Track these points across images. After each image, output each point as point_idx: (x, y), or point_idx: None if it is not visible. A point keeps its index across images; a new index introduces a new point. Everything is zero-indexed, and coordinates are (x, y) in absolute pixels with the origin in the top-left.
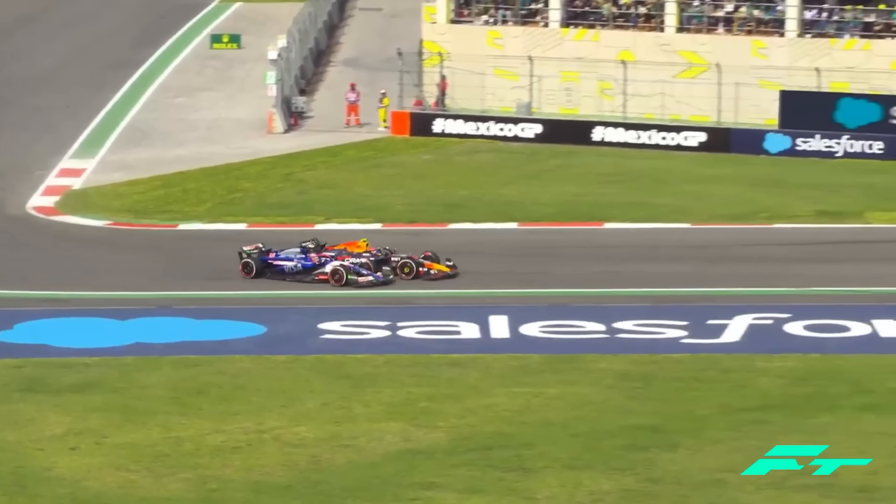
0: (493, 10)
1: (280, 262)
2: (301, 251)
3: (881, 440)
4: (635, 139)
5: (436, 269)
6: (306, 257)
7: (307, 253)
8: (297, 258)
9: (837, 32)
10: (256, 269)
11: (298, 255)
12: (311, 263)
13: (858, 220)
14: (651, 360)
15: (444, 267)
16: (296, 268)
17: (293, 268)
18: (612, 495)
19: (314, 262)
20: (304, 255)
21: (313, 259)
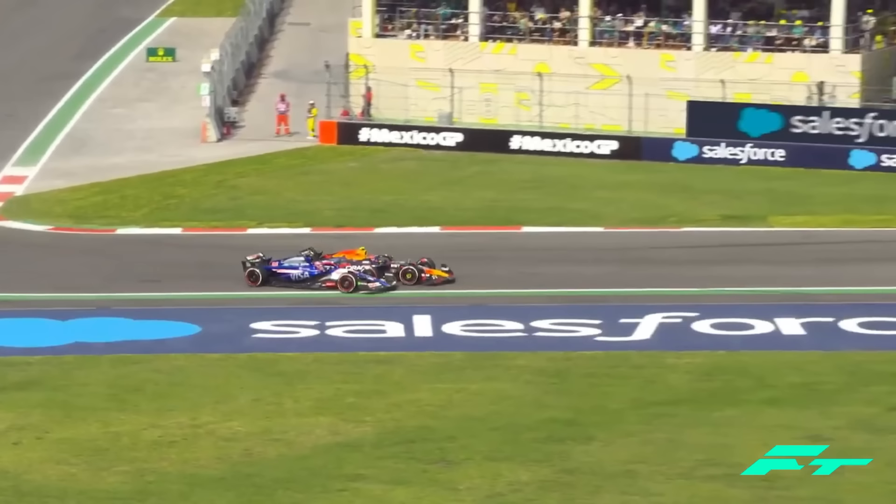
0: (415, 24)
1: (285, 270)
2: (305, 259)
3: (783, 432)
4: (551, 147)
5: (436, 274)
6: (311, 265)
7: (311, 261)
8: (301, 266)
9: (741, 46)
10: (262, 278)
11: (303, 264)
12: (317, 271)
13: (762, 224)
14: (566, 357)
15: (443, 273)
16: (302, 275)
17: (299, 276)
18: (530, 486)
19: (320, 269)
20: (309, 263)
21: (318, 267)
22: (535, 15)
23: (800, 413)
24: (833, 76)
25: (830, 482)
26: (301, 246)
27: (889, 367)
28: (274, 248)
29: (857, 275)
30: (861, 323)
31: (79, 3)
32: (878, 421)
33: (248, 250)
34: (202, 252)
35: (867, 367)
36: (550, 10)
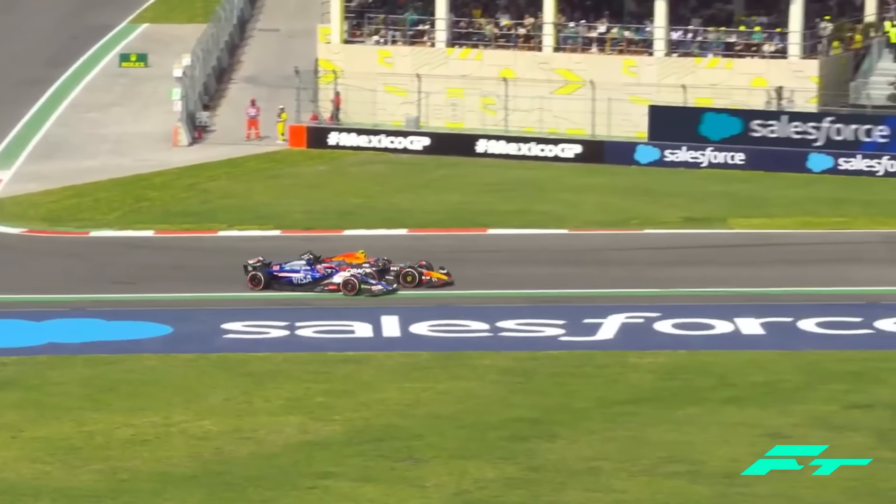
0: (383, 30)
1: (288, 273)
2: (307, 263)
3: (743, 430)
4: (516, 151)
5: (435, 276)
6: (313, 269)
7: (312, 265)
8: (303, 270)
9: (701, 52)
10: (265, 281)
11: (304, 268)
12: (319, 275)
13: (722, 226)
14: (532, 357)
15: (442, 275)
16: (304, 279)
17: (302, 279)
18: (495, 483)
19: (321, 273)
20: (311, 267)
21: (320, 270)
22: (500, 21)
23: (760, 411)
24: (791, 81)
25: (790, 479)
26: (278, 248)
27: (846, 365)
28: (251, 250)
29: (815, 276)
30: (819, 323)
31: (52, 10)
32: (835, 418)
33: (220, 252)
34: (174, 254)
35: (825, 365)
36: (515, 17)
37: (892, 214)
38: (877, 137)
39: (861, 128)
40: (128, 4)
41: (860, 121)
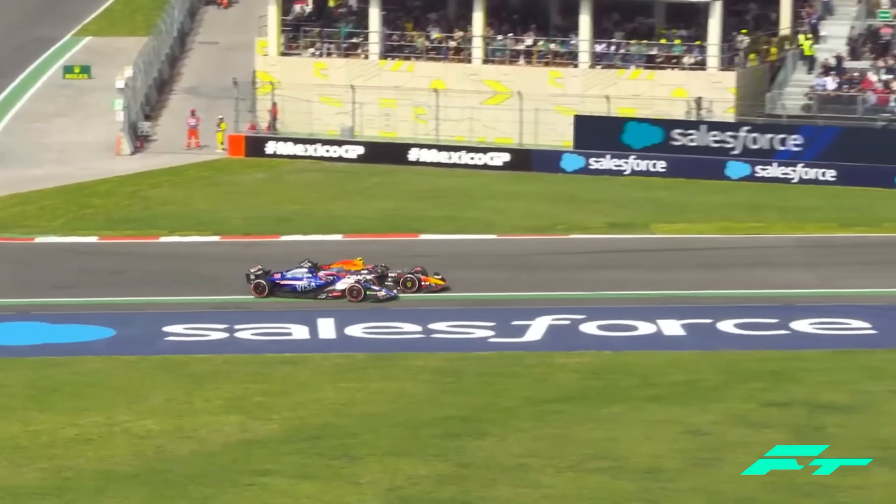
0: (318, 43)
1: (291, 281)
2: (308, 270)
3: (665, 427)
4: (447, 159)
5: (433, 282)
6: (315, 276)
7: (314, 272)
8: (306, 277)
9: (624, 64)
10: (269, 289)
11: (307, 275)
12: (322, 282)
13: (644, 231)
14: (462, 358)
15: (439, 280)
16: (308, 286)
17: (305, 286)
18: (428, 479)
19: (324, 280)
20: (313, 274)
21: (322, 277)
22: (431, 34)
23: (681, 409)
24: (710, 92)
25: (709, 475)
26: (219, 254)
27: (763, 364)
28: (192, 255)
29: (733, 279)
30: (737, 324)
31: None
32: (753, 416)
33: (162, 258)
34: (117, 259)
35: (743, 365)
36: (446, 30)
37: (806, 220)
38: (791, 146)
39: (776, 137)
40: (72, 18)
41: (776, 130)
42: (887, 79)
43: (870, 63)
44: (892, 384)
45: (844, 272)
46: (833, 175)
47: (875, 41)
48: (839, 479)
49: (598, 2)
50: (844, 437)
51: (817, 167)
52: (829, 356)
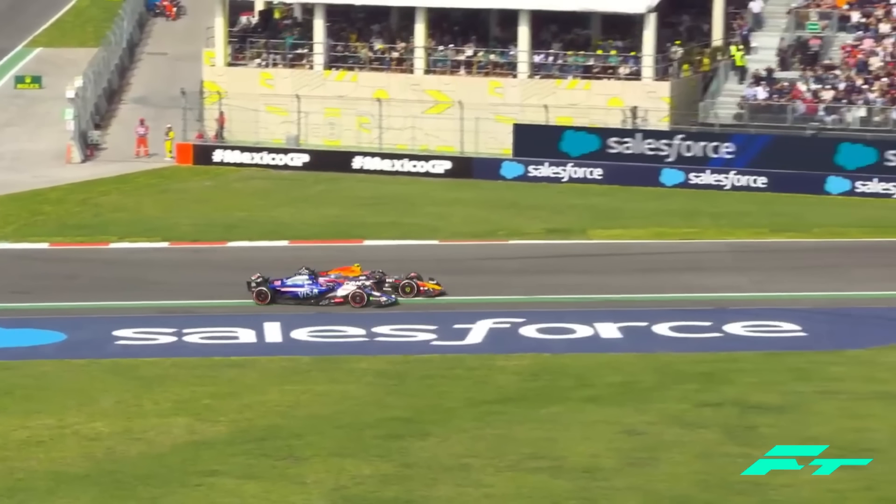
0: (265, 54)
1: (292, 288)
2: (309, 277)
3: (602, 427)
4: (390, 167)
5: (430, 287)
6: (316, 283)
7: (315, 279)
8: (307, 284)
9: (562, 74)
10: (270, 296)
11: (307, 282)
12: (323, 288)
13: (582, 237)
14: (405, 360)
15: (435, 285)
16: (310, 293)
17: (308, 293)
18: (371, 479)
19: (325, 286)
20: (313, 281)
21: (323, 284)
22: (374, 45)
23: (617, 409)
24: (645, 101)
25: (644, 474)
26: (170, 260)
27: (697, 366)
28: (142, 262)
29: (668, 283)
30: (672, 327)
31: None
32: (687, 416)
33: (112, 263)
34: (68, 265)
35: (677, 367)
36: (388, 41)
37: (738, 225)
38: (724, 154)
39: (709, 145)
40: (23, 29)
41: (709, 138)
42: (816, 88)
43: (799, 73)
44: (821, 385)
45: (775, 276)
46: (764, 182)
47: (804, 52)
48: (770, 478)
49: (536, 14)
50: (775, 436)
51: (749, 174)
52: (761, 358)
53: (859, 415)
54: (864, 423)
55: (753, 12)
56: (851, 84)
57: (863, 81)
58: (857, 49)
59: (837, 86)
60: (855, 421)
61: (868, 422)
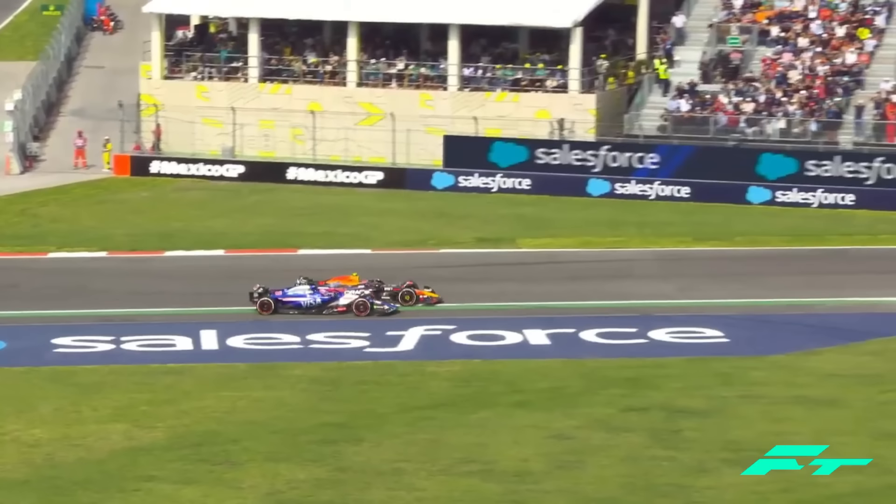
0: (200, 67)
1: (295, 298)
2: (310, 287)
3: (531, 432)
4: (324, 178)
5: (427, 295)
6: (318, 292)
7: (315, 288)
8: (309, 294)
9: (491, 87)
10: (274, 306)
11: (309, 292)
12: (326, 298)
13: (511, 246)
14: (339, 367)
15: (433, 293)
16: (314, 302)
17: (310, 303)
18: (306, 483)
19: (326, 296)
20: (315, 291)
21: (324, 293)
22: (308, 59)
23: (546, 414)
24: (572, 113)
25: (572, 477)
26: (107, 269)
27: (623, 372)
28: (80, 270)
29: (595, 290)
30: (599, 333)
31: None
32: (614, 421)
33: (50, 273)
34: (7, 274)
35: (604, 372)
36: (322, 55)
37: (663, 234)
38: (648, 164)
39: (635, 155)
40: None
41: (634, 149)
42: (737, 101)
43: (721, 86)
44: (743, 389)
45: (699, 284)
46: (688, 192)
47: (725, 65)
48: (694, 480)
49: (465, 28)
50: (699, 440)
51: (673, 184)
52: (685, 363)
53: (781, 418)
54: (785, 426)
55: (676, 27)
56: (771, 96)
57: (782, 94)
58: (776, 63)
59: (758, 98)
60: (776, 425)
61: (789, 425)
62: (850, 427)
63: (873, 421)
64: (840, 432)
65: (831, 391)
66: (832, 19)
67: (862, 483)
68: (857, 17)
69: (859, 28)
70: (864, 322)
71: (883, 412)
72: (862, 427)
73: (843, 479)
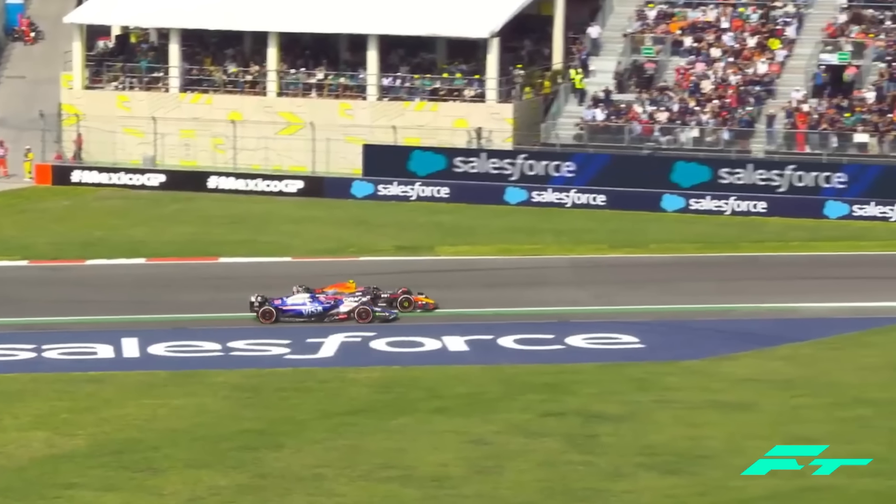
0: (121, 77)
1: (295, 307)
2: (310, 296)
3: (450, 437)
4: (244, 187)
5: (425, 301)
6: (318, 300)
7: (315, 297)
8: (309, 302)
9: (409, 96)
10: (276, 315)
11: (309, 300)
12: (327, 305)
13: (430, 253)
14: (259, 374)
15: (430, 300)
16: (315, 311)
17: (312, 311)
18: (227, 489)
19: (326, 304)
20: (314, 299)
21: (324, 301)
22: (228, 69)
23: (465, 420)
24: (489, 123)
25: (491, 481)
26: (28, 277)
27: (540, 377)
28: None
29: (512, 297)
30: (517, 340)
31: None
32: (531, 426)
33: None
34: None
35: (522, 378)
36: (242, 65)
37: (579, 242)
38: (565, 172)
39: (551, 164)
40: None
41: (550, 158)
42: (651, 110)
43: (635, 96)
44: (658, 395)
45: (614, 290)
46: (603, 200)
47: (640, 75)
48: (610, 484)
49: (384, 38)
50: (615, 444)
51: (589, 192)
52: (601, 369)
53: (695, 423)
54: (699, 431)
55: (591, 37)
56: (685, 106)
57: (695, 103)
58: (689, 72)
59: (672, 107)
60: (691, 429)
61: (703, 430)
62: (763, 431)
63: (785, 425)
64: (753, 436)
65: (744, 396)
66: (744, 30)
67: (778, 487)
68: (767, 28)
69: (770, 38)
70: (776, 328)
71: (794, 417)
72: (775, 431)
73: (756, 483)
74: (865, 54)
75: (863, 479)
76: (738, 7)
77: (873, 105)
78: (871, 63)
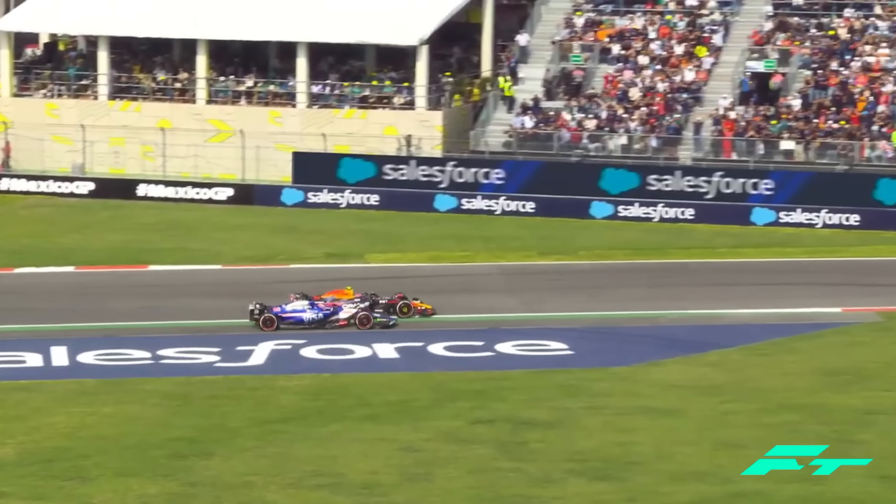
0: (50, 85)
1: (295, 314)
2: (309, 303)
3: (380, 445)
4: (174, 194)
5: (423, 307)
6: (317, 307)
7: (314, 304)
8: (309, 309)
9: (339, 104)
10: (276, 323)
11: (308, 307)
12: (327, 312)
13: (360, 261)
14: (189, 382)
15: (428, 305)
16: (316, 318)
17: (312, 318)
18: (157, 498)
19: (326, 310)
20: (314, 306)
21: (323, 308)
22: (157, 76)
23: (395, 427)
24: (419, 130)
25: (421, 489)
26: None
27: (471, 384)
28: None
29: (443, 304)
30: (447, 347)
31: None
32: (462, 433)
33: None
34: None
35: (452, 385)
36: (171, 72)
37: (508, 249)
38: (494, 179)
39: (480, 171)
40: None
41: (480, 165)
42: (580, 117)
43: (564, 103)
44: (588, 401)
45: (544, 297)
46: (532, 207)
47: (568, 83)
48: (540, 490)
49: (313, 46)
50: (545, 451)
51: (518, 200)
52: (531, 376)
53: (624, 429)
54: (628, 436)
55: (520, 45)
56: (613, 113)
57: (623, 111)
58: (617, 80)
59: (600, 115)
60: (620, 435)
61: (632, 435)
62: (691, 437)
63: (713, 431)
64: (681, 442)
65: (673, 402)
66: (671, 37)
67: (703, 492)
68: (694, 36)
69: (697, 46)
70: (704, 334)
71: (722, 422)
72: (703, 437)
73: (682, 488)
74: (791, 62)
75: (792, 484)
76: (666, 15)
77: (799, 112)
78: (796, 70)
